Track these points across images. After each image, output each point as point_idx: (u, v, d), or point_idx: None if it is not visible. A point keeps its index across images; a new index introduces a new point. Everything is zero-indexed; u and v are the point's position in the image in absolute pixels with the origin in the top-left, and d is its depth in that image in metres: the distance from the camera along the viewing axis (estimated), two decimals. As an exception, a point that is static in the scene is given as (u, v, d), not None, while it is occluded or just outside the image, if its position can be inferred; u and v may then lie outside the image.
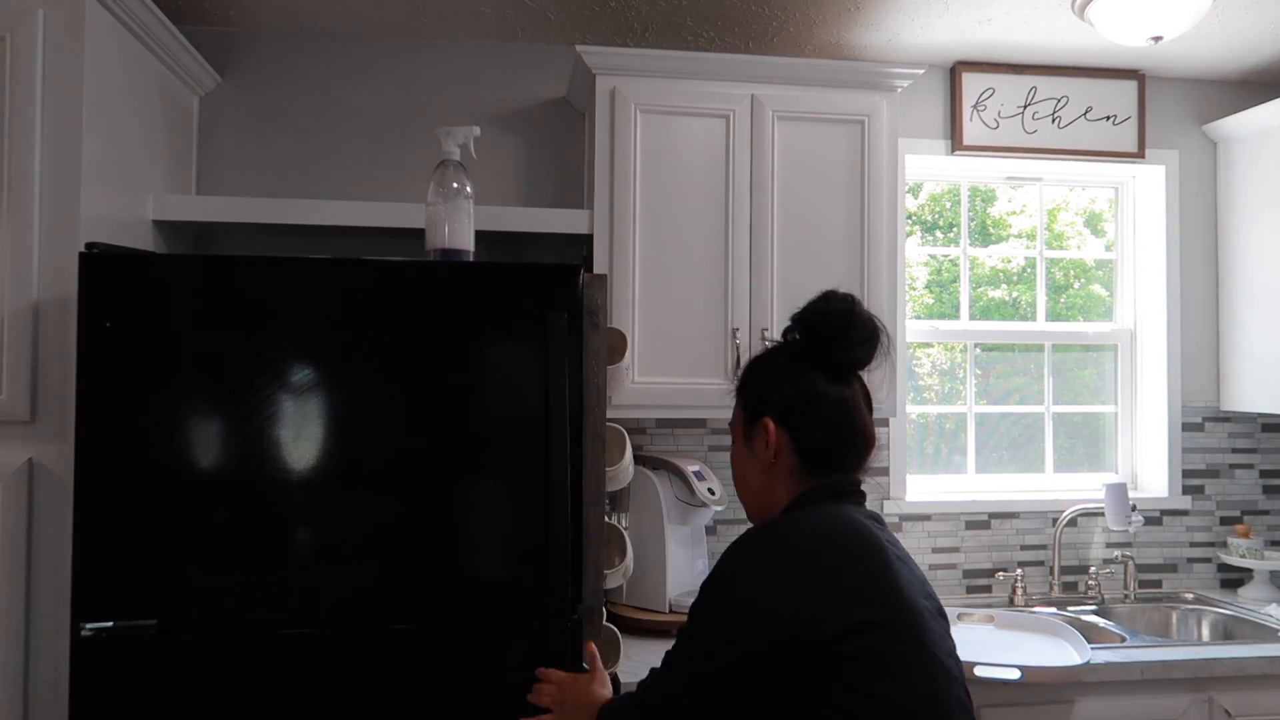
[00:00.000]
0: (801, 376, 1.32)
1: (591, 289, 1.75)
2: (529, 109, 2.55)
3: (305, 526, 1.62)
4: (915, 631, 1.16)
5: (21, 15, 1.71)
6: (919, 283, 2.84)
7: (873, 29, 2.45)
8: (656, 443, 2.57)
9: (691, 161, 2.24)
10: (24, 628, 1.68)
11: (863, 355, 1.31)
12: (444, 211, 1.79)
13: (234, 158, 2.43)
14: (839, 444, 1.31)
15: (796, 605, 1.14)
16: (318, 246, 2.38)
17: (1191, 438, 2.81)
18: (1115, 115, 2.76)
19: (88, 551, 1.56)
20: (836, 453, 1.31)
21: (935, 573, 2.67)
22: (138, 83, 2.01)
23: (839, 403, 1.31)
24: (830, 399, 1.31)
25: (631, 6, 2.31)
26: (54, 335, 1.70)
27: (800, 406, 1.31)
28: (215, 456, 1.60)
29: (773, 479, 1.32)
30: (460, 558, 1.66)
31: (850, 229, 2.30)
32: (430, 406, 1.66)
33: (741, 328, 2.24)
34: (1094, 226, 2.97)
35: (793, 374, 1.33)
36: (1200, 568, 2.80)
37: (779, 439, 1.30)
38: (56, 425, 1.70)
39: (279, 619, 1.61)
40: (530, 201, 2.53)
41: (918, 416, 2.81)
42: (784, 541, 1.20)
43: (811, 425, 1.30)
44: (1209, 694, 2.11)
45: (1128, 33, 2.24)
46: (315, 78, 2.47)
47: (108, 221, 1.86)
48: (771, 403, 1.32)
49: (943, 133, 2.73)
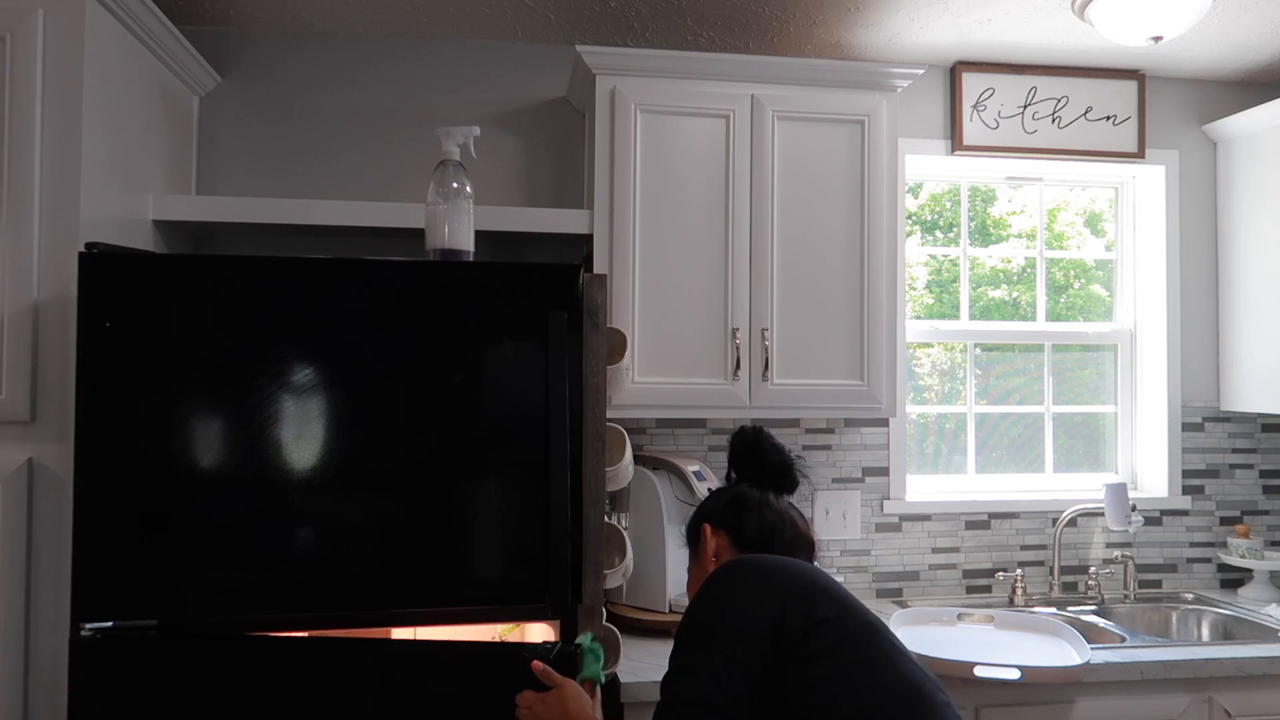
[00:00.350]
0: (730, 488, 1.62)
1: (591, 289, 1.75)
2: (529, 109, 2.55)
3: (305, 526, 1.62)
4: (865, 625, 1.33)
5: (21, 15, 1.71)
6: (919, 283, 2.84)
7: (873, 29, 2.45)
8: (656, 443, 2.57)
9: (692, 161, 2.24)
10: (24, 628, 1.68)
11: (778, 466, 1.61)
12: (444, 211, 1.79)
13: (234, 157, 2.43)
14: (776, 532, 1.53)
15: (771, 604, 1.30)
16: (318, 246, 2.38)
17: (1191, 438, 2.81)
18: (1115, 115, 2.76)
19: (88, 551, 1.56)
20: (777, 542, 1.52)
21: (935, 573, 2.68)
22: (138, 83, 2.01)
23: (764, 501, 1.56)
24: (755, 497, 1.57)
25: (631, 6, 2.31)
26: (54, 335, 1.71)
27: (732, 505, 1.57)
28: (215, 456, 1.60)
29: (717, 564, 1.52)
30: (460, 557, 1.66)
31: (850, 229, 2.30)
32: (430, 406, 1.66)
33: (741, 328, 2.24)
34: (1094, 226, 2.97)
35: (723, 489, 1.64)
36: (1200, 568, 2.80)
37: (716, 540, 1.55)
38: (56, 425, 1.70)
39: (279, 619, 1.61)
40: (530, 201, 2.53)
41: (918, 416, 2.81)
42: (744, 564, 1.39)
43: (745, 519, 1.54)
44: (1209, 694, 2.11)
45: (1128, 33, 2.24)
46: (315, 78, 2.47)
47: (108, 221, 1.86)
48: (705, 511, 1.60)
49: (943, 133, 2.73)
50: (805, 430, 2.64)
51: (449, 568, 1.65)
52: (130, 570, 1.58)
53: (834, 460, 2.64)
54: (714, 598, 1.33)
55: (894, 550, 2.66)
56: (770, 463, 1.61)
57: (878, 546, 2.66)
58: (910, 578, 2.67)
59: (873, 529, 2.66)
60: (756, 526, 1.53)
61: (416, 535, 1.65)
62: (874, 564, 2.65)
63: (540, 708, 1.50)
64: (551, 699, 1.50)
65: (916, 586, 2.67)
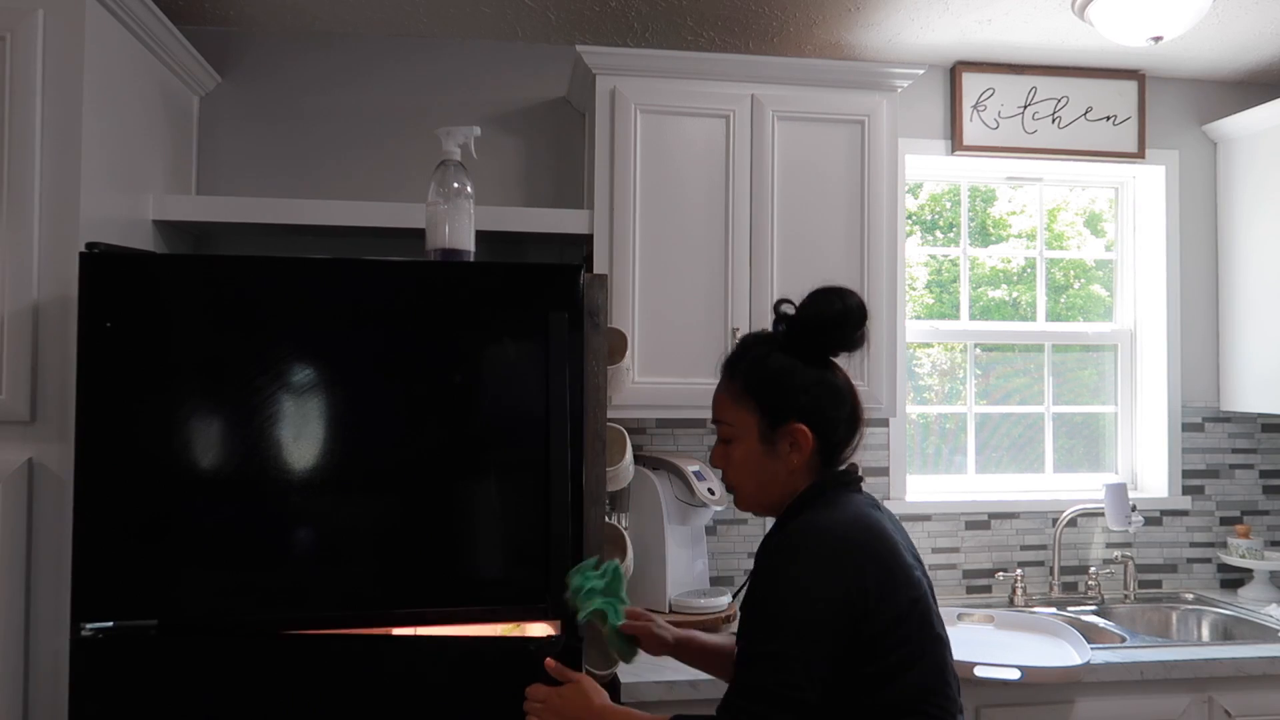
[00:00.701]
0: (820, 377, 1.38)
1: (591, 289, 1.75)
2: (529, 109, 2.55)
3: (305, 526, 1.62)
4: (929, 608, 1.32)
5: (21, 15, 1.71)
6: (919, 283, 2.84)
7: (873, 29, 2.45)
8: (656, 443, 2.57)
9: (692, 161, 2.24)
10: (24, 628, 1.68)
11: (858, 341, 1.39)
12: (444, 211, 1.79)
13: (234, 157, 2.43)
14: (852, 434, 1.40)
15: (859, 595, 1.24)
16: (318, 246, 2.38)
17: (1191, 438, 2.81)
18: (1115, 115, 2.76)
19: (88, 551, 1.56)
20: (849, 442, 1.40)
21: (936, 573, 2.67)
22: (138, 82, 2.01)
23: (851, 393, 1.40)
24: (845, 393, 1.39)
25: (631, 6, 2.31)
26: (54, 335, 1.70)
27: (826, 406, 1.37)
28: (215, 456, 1.60)
29: (794, 477, 1.37)
30: (460, 558, 1.66)
31: (850, 229, 2.30)
32: (431, 406, 1.66)
33: (741, 328, 2.24)
34: (1094, 227, 2.97)
35: (811, 374, 1.37)
36: (1200, 568, 2.80)
37: (807, 443, 1.35)
38: (56, 425, 1.70)
39: (279, 619, 1.61)
40: (530, 201, 2.53)
41: (918, 416, 2.81)
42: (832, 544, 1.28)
43: (836, 423, 1.37)
44: (1209, 694, 2.11)
45: (1128, 33, 2.24)
46: (315, 77, 2.47)
47: (108, 221, 1.85)
48: (799, 405, 1.36)
49: (943, 133, 2.73)
50: (805, 430, 2.63)
51: (449, 568, 1.65)
52: (130, 570, 1.57)
53: (834, 460, 2.64)
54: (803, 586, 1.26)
55: (894, 550, 2.66)
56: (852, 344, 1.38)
57: (878, 546, 2.65)
58: (910, 578, 2.66)
59: (873, 529, 2.65)
60: (846, 432, 1.39)
61: (416, 536, 1.65)
62: (874, 564, 2.65)
63: (558, 701, 1.43)
64: (569, 693, 1.43)
65: (916, 586, 2.67)
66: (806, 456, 1.36)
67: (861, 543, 1.29)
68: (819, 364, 1.38)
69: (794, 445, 1.36)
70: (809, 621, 1.24)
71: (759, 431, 1.38)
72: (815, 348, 1.38)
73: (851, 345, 1.38)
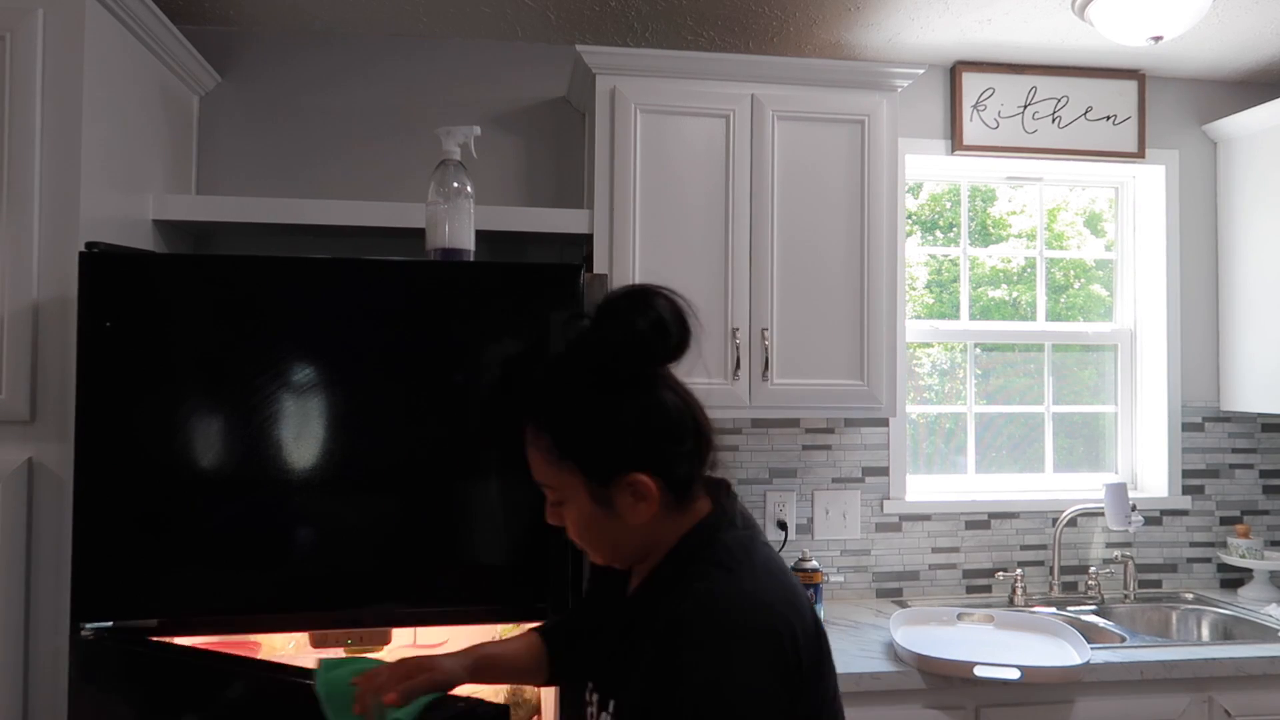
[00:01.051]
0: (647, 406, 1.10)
1: (591, 289, 1.75)
2: (529, 109, 2.55)
3: (305, 526, 1.62)
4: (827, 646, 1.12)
5: (21, 15, 1.71)
6: (919, 283, 2.84)
7: (873, 29, 2.45)
8: (656, 443, 2.56)
9: (691, 161, 2.24)
10: (24, 628, 1.68)
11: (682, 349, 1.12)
12: (444, 211, 1.79)
13: (234, 157, 2.43)
14: (703, 460, 1.15)
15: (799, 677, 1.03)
16: (318, 246, 2.38)
17: (1191, 438, 2.81)
18: (1115, 115, 2.76)
19: (87, 551, 1.56)
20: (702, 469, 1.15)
21: (935, 572, 2.67)
22: (138, 82, 2.01)
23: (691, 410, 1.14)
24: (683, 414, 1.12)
25: (631, 6, 2.31)
26: (54, 335, 1.70)
27: (663, 443, 1.10)
28: (215, 456, 1.60)
29: (651, 527, 1.12)
30: (460, 557, 1.66)
31: (850, 229, 2.30)
32: (431, 406, 1.66)
33: (741, 327, 2.24)
34: (1094, 226, 2.97)
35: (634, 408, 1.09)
36: (1200, 568, 2.80)
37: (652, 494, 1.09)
38: (56, 425, 1.70)
39: (279, 619, 1.61)
40: (530, 201, 2.53)
41: (918, 416, 2.81)
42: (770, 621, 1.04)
43: (679, 458, 1.11)
44: (1209, 694, 2.11)
45: (1128, 33, 2.24)
46: (315, 77, 2.47)
47: (108, 221, 1.85)
48: (627, 453, 1.09)
49: (943, 133, 2.73)
50: (805, 430, 2.64)
51: (449, 568, 1.65)
52: (130, 570, 1.58)
53: (834, 460, 2.64)
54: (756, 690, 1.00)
55: (894, 550, 2.66)
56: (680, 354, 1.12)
57: (878, 546, 2.66)
58: (910, 578, 2.67)
59: (873, 529, 2.66)
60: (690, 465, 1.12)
61: (416, 535, 1.65)
62: (874, 564, 2.65)
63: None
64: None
65: (916, 586, 2.67)
66: (655, 506, 1.09)
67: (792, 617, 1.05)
68: (642, 387, 1.10)
69: (637, 496, 1.09)
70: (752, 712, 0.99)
71: (588, 492, 1.10)
72: (628, 373, 1.09)
73: (674, 357, 1.11)
